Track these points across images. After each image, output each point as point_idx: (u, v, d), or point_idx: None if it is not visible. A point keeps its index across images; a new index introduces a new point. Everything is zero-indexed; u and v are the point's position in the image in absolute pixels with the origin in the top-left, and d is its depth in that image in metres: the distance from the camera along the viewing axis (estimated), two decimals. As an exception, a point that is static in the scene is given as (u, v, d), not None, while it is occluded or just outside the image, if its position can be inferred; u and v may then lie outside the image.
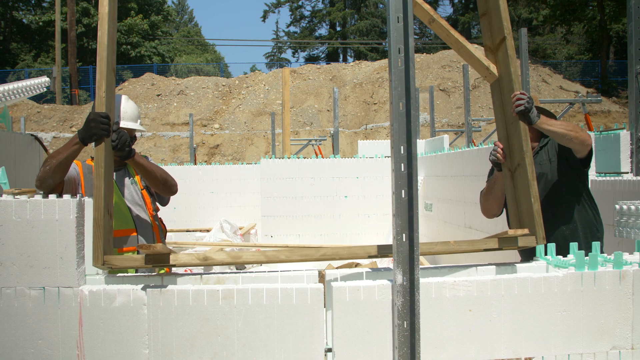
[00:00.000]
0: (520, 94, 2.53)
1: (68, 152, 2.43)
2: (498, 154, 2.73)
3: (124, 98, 2.96)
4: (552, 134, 2.83)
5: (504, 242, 2.32)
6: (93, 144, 2.26)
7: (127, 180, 2.95)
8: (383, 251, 2.24)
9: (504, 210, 3.02)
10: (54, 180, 2.46)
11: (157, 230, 3.05)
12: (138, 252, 2.75)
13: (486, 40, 2.64)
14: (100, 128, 2.18)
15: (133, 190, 2.94)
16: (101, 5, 2.32)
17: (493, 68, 2.61)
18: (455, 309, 2.01)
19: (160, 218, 3.20)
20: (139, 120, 3.02)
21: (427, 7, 2.51)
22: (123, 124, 2.84)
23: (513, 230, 2.30)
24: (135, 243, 2.83)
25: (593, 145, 4.24)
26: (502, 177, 2.84)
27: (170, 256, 2.06)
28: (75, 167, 2.82)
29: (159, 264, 2.07)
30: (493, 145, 2.80)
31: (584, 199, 3.07)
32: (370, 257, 2.26)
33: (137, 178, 3.00)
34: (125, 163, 2.95)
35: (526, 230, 2.33)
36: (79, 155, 2.51)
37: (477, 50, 2.64)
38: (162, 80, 24.67)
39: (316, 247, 2.19)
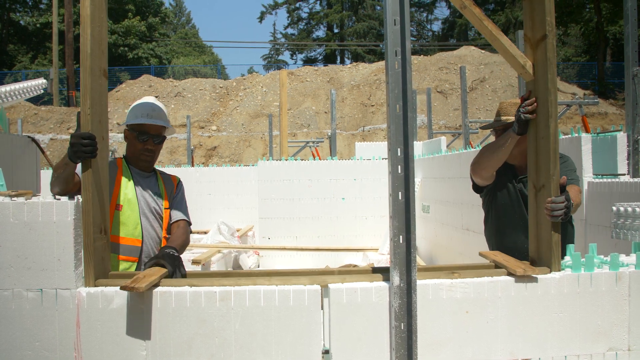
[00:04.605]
0: (553, 203, 2.14)
1: (63, 169, 2.46)
2: (530, 108, 2.26)
3: (150, 100, 2.90)
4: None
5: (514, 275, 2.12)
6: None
7: (153, 191, 2.88)
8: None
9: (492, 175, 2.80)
10: (60, 189, 2.53)
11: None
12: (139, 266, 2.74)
13: (527, 30, 2.33)
14: (83, 151, 2.11)
15: (156, 205, 2.87)
16: (82, 6, 2.03)
17: (529, 67, 2.32)
18: (452, 311, 2.02)
19: None
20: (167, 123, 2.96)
21: None
22: (151, 121, 2.80)
23: (522, 270, 2.09)
24: (138, 254, 2.78)
25: (590, 146, 4.29)
26: (515, 141, 2.54)
27: (160, 284, 2.05)
28: None
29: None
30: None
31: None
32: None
33: (165, 194, 2.92)
34: (154, 169, 2.94)
35: (536, 270, 2.14)
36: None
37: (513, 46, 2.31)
38: (160, 82, 24.67)
39: (310, 275, 2.14)
